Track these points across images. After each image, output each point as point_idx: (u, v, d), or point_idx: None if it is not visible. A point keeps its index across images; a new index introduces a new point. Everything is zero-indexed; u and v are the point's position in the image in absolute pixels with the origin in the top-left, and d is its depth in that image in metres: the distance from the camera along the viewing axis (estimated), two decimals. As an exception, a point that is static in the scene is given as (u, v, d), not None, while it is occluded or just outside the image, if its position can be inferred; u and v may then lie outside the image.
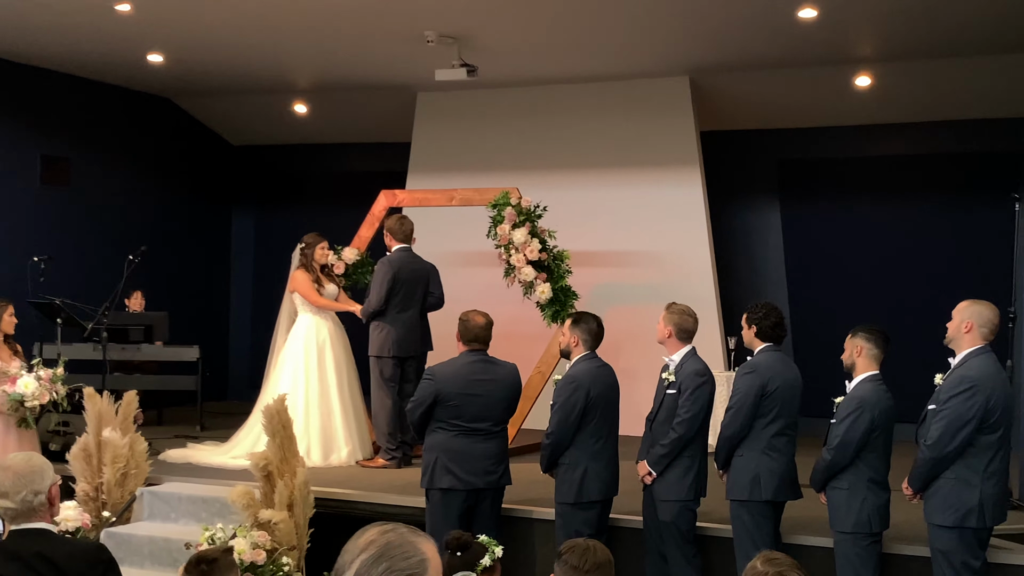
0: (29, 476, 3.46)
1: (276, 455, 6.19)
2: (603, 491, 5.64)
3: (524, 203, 8.49)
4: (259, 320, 13.26)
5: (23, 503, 3.43)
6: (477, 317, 5.93)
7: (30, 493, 3.44)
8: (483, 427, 5.76)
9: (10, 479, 3.44)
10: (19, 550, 3.40)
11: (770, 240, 11.04)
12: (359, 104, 11.67)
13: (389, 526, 2.10)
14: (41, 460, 3.56)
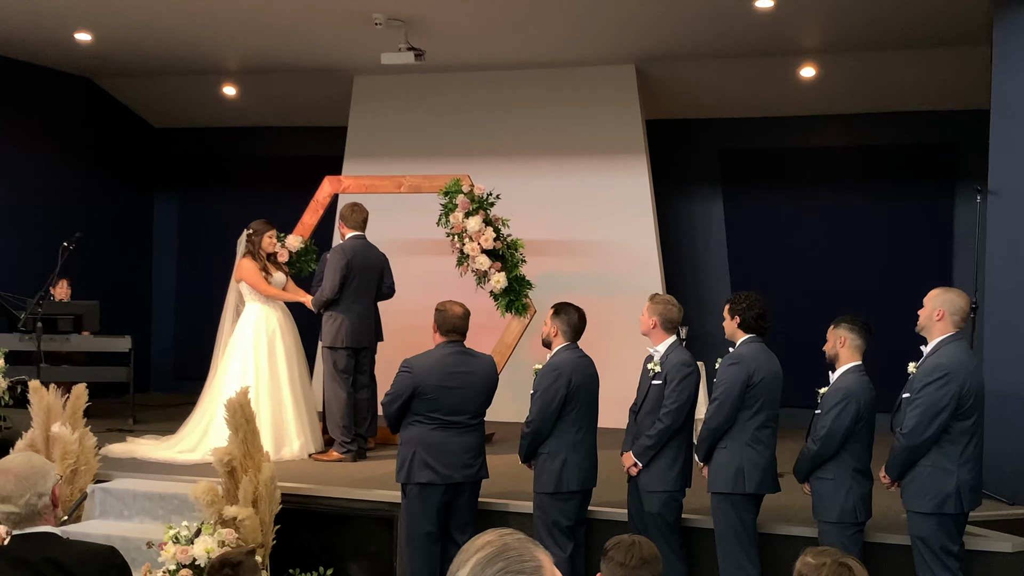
0: (32, 478, 3.30)
1: (239, 450, 6.05)
2: (583, 482, 5.64)
3: (477, 190, 8.44)
4: (183, 309, 12.97)
5: (27, 507, 3.28)
6: (455, 307, 5.88)
7: (34, 496, 3.29)
8: (461, 420, 5.72)
9: (12, 482, 3.28)
10: (26, 555, 3.24)
11: (712, 230, 11.18)
12: (292, 87, 11.45)
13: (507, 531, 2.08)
14: (41, 460, 3.40)
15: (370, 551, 6.44)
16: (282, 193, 12.18)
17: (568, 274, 10.26)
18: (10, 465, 3.32)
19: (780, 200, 10.92)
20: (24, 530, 3.30)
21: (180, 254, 13.04)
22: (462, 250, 8.37)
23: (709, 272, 11.12)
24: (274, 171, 12.39)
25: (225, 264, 12.23)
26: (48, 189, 11.23)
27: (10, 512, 3.27)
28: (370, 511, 6.46)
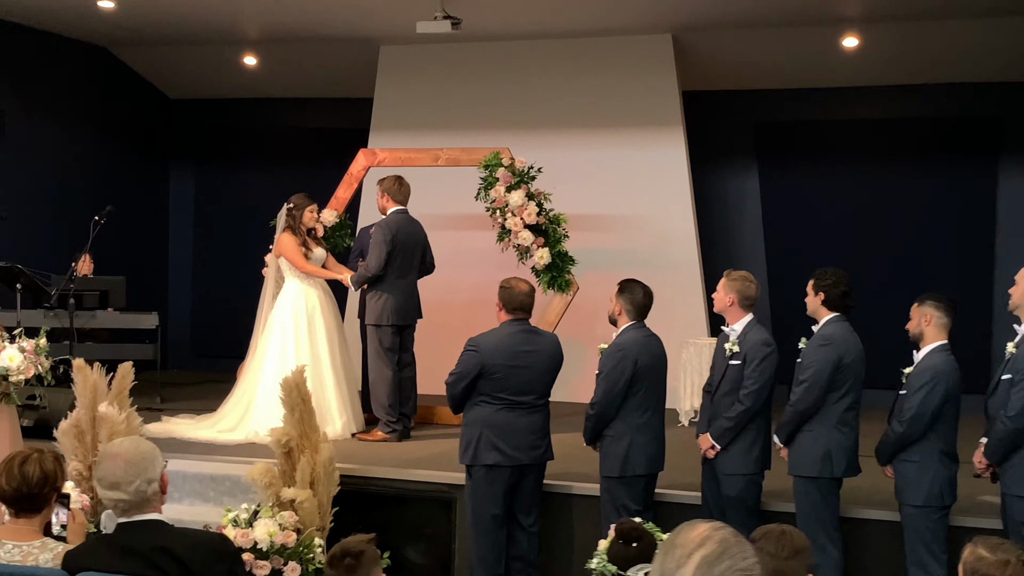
0: (141, 464, 3.21)
1: (296, 430, 5.95)
2: (649, 465, 5.56)
3: (518, 164, 8.31)
4: (200, 285, 12.85)
5: (137, 493, 3.19)
6: (520, 284, 5.78)
7: (144, 482, 3.20)
8: (527, 400, 5.62)
9: (121, 468, 3.18)
10: (135, 544, 3.15)
11: (747, 204, 11.08)
12: (315, 57, 11.29)
13: (716, 524, 2.02)
14: (149, 445, 3.30)
15: (427, 533, 6.36)
16: (303, 166, 12.04)
17: (602, 250, 10.14)
18: (119, 450, 3.23)
19: (817, 174, 10.81)
20: (132, 518, 3.21)
21: (197, 228, 12.90)
22: (503, 225, 8.25)
23: (744, 247, 11.02)
24: (295, 144, 12.24)
25: (243, 239, 12.17)
26: (62, 160, 11.06)
27: (119, 499, 3.18)
28: (428, 492, 6.37)
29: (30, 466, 3.36)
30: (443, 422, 8.56)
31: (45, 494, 3.41)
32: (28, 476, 3.35)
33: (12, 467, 3.35)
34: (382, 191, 7.83)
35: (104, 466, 3.20)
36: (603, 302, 9.43)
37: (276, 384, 7.31)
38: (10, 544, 3.33)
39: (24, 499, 3.36)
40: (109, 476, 3.18)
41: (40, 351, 6.44)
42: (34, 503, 3.39)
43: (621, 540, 4.12)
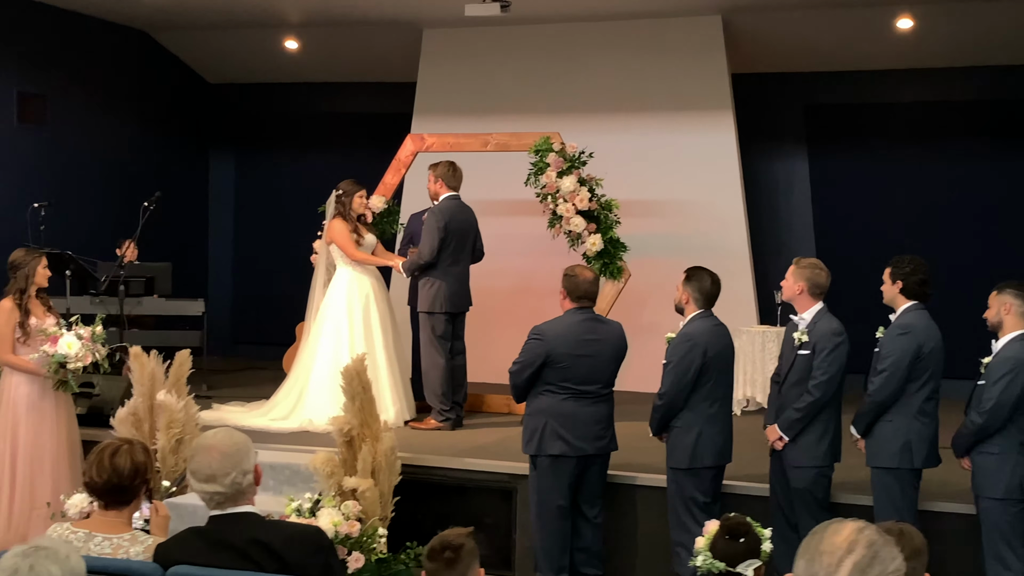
0: (236, 455, 3.20)
1: (356, 419, 5.94)
2: (717, 457, 5.51)
3: (569, 148, 8.26)
4: (240, 271, 12.88)
5: (232, 485, 3.17)
6: (585, 272, 5.74)
7: (239, 474, 3.19)
8: (592, 389, 5.59)
9: (217, 460, 3.17)
10: (229, 537, 3.14)
11: (796, 190, 10.98)
12: (357, 41, 11.26)
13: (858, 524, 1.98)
14: (242, 436, 3.29)
15: (487, 523, 6.34)
16: (345, 152, 12.03)
17: (650, 235, 10.08)
18: (213, 442, 3.21)
19: (869, 158, 10.69)
20: (226, 510, 3.19)
21: (237, 214, 12.93)
22: (555, 211, 8.20)
23: (793, 234, 10.93)
24: (336, 129, 12.23)
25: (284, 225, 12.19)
26: (102, 146, 11.07)
27: (214, 492, 3.17)
28: (488, 482, 6.36)
29: (121, 458, 3.36)
30: (492, 410, 8.56)
31: (135, 486, 3.40)
32: (119, 468, 3.34)
33: (103, 459, 3.35)
34: (435, 176, 7.80)
35: (199, 459, 3.19)
36: (650, 289, 9.51)
37: (329, 372, 7.38)
38: (100, 537, 3.33)
39: (115, 491, 3.36)
40: (204, 469, 3.17)
41: (97, 338, 6.47)
42: (124, 495, 3.38)
43: (728, 536, 4.08)
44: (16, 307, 6.50)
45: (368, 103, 11.97)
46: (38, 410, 6.48)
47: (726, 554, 4.01)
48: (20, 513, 6.41)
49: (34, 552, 2.39)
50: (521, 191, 8.61)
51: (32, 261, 6.58)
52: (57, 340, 6.29)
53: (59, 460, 6.54)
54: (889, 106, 10.56)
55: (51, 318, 6.59)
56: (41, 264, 6.59)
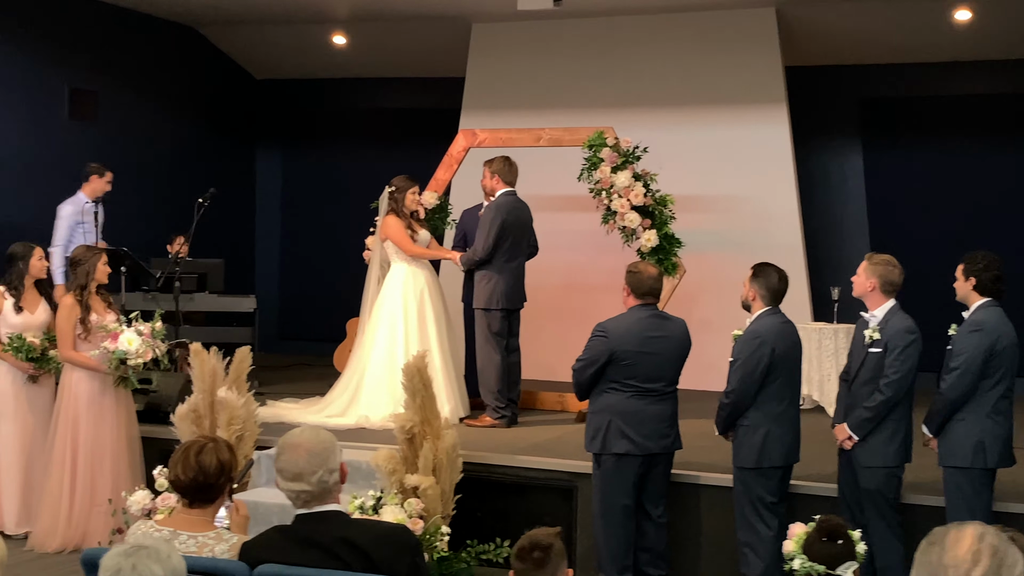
0: (323, 453, 3.22)
1: (418, 416, 5.96)
2: (786, 456, 5.47)
3: (623, 143, 8.23)
4: (287, 267, 12.95)
5: (319, 484, 3.19)
6: (648, 268, 5.72)
7: (326, 472, 3.21)
8: (657, 387, 5.58)
9: (304, 458, 3.18)
10: (316, 536, 3.15)
11: (850, 184, 10.90)
12: (405, 36, 11.28)
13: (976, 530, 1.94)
14: (328, 434, 3.31)
15: (546, 522, 6.30)
16: (393, 147, 12.08)
17: (701, 231, 10.02)
18: (300, 440, 3.23)
19: (924, 152, 10.60)
20: (312, 509, 3.21)
21: (284, 210, 13.00)
22: (609, 207, 8.18)
23: (846, 229, 10.85)
24: (384, 124, 12.28)
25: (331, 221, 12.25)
26: (150, 142, 11.17)
27: (301, 490, 3.18)
28: (548, 481, 6.35)
29: (206, 456, 3.38)
30: (545, 407, 8.56)
31: (221, 484, 3.43)
32: (205, 466, 3.37)
33: (189, 456, 3.38)
34: (491, 172, 7.80)
35: (285, 457, 3.20)
36: (701, 285, 9.46)
37: (385, 368, 7.42)
38: (185, 535, 3.35)
39: (200, 489, 3.38)
40: (291, 467, 3.18)
41: (157, 335, 6.53)
42: (210, 493, 3.41)
43: (825, 538, 4.04)
44: (77, 303, 6.57)
45: (416, 98, 12.00)
46: (98, 406, 6.55)
47: (824, 556, 3.98)
48: (81, 510, 6.49)
49: (136, 552, 2.41)
50: (570, 186, 8.59)
51: (92, 258, 6.65)
52: (118, 337, 6.36)
53: (119, 456, 6.61)
54: (946, 99, 10.45)
55: (111, 315, 6.66)
56: (101, 261, 6.66)
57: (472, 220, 8.48)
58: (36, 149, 9.95)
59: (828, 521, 4.16)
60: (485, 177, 7.92)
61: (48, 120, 10.11)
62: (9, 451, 6.74)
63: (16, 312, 6.78)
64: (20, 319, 6.78)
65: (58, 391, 6.69)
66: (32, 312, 6.84)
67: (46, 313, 6.90)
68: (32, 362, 6.73)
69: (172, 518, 3.50)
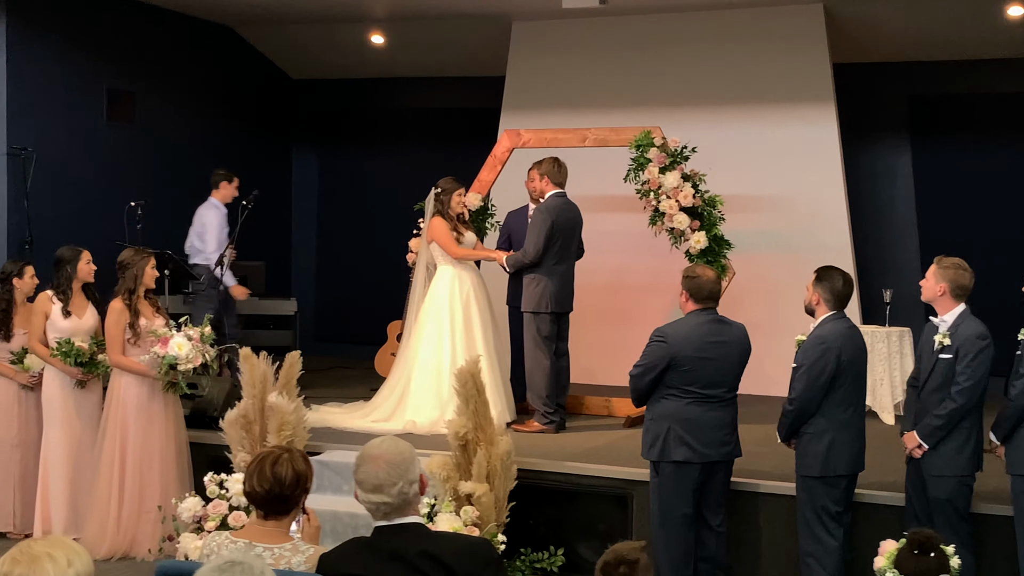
0: (403, 464, 3.19)
1: (472, 422, 5.94)
2: (851, 464, 5.41)
3: (671, 143, 8.18)
4: (324, 269, 12.95)
5: (400, 495, 3.17)
6: (707, 272, 5.68)
7: (406, 483, 3.19)
8: (717, 393, 5.53)
9: (384, 470, 3.16)
10: (399, 549, 3.13)
11: (899, 184, 10.80)
12: (444, 34, 11.27)
13: None
14: (407, 445, 3.29)
15: (600, 530, 6.31)
16: (431, 148, 12.07)
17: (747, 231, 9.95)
18: (379, 451, 3.21)
19: (975, 151, 10.47)
20: (392, 521, 3.19)
21: (320, 212, 13.00)
22: (657, 208, 8.13)
23: (895, 230, 10.76)
24: (421, 124, 12.27)
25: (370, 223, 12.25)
26: (186, 143, 11.19)
27: (381, 502, 3.16)
28: (602, 488, 6.31)
29: (282, 467, 3.37)
30: (591, 412, 8.52)
31: (296, 495, 3.41)
32: (281, 477, 3.35)
33: (264, 468, 3.36)
34: (540, 173, 7.76)
35: (365, 468, 3.19)
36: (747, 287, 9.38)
37: (432, 372, 7.42)
38: (261, 547, 3.34)
39: (276, 500, 3.37)
40: (372, 479, 3.16)
41: (206, 339, 6.53)
42: (286, 505, 3.39)
43: (917, 551, 3.98)
44: (126, 308, 6.59)
45: (455, 98, 11.99)
46: (147, 412, 6.57)
47: (918, 570, 3.92)
48: (129, 516, 6.51)
49: (230, 567, 2.39)
50: (613, 186, 8.56)
51: (140, 261, 6.66)
52: (168, 342, 6.37)
53: (167, 462, 6.62)
54: (998, 97, 10.34)
55: (160, 319, 6.68)
56: (149, 264, 6.68)
57: (518, 222, 8.46)
58: (74, 151, 9.99)
59: (919, 533, 4.10)
60: (534, 179, 7.89)
61: (87, 121, 10.15)
62: (57, 456, 6.76)
63: (64, 317, 6.81)
64: (68, 323, 6.81)
65: (106, 396, 6.71)
66: (80, 317, 6.87)
67: (94, 318, 6.93)
68: (80, 367, 6.76)
69: (247, 530, 3.48)
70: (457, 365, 7.32)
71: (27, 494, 7.01)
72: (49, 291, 6.85)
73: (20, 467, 7.05)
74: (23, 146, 9.32)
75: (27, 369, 7.00)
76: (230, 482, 6.09)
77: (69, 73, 9.96)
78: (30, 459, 7.03)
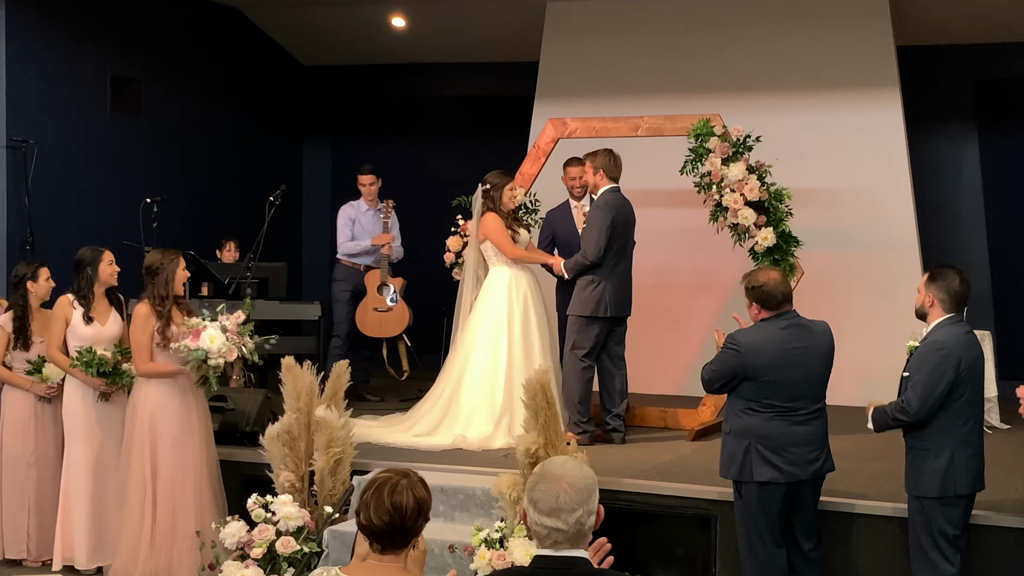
0: (585, 491, 2.99)
1: (542, 437, 5.70)
2: (973, 483, 5.18)
3: (734, 132, 7.95)
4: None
5: (576, 524, 2.96)
6: (770, 274, 5.42)
7: (585, 513, 2.98)
8: (802, 406, 5.29)
9: (566, 492, 2.96)
10: None
11: (965, 173, 10.61)
12: (472, 17, 11.06)
13: None
14: (590, 471, 3.09)
15: (679, 554, 6.08)
16: (457, 138, 11.88)
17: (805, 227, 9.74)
18: (562, 472, 3.01)
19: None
20: (558, 552, 2.99)
21: (334, 207, 12.73)
22: (719, 202, 7.89)
23: (962, 222, 10.59)
24: (447, 113, 12.07)
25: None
26: (193, 132, 10.98)
27: (555, 528, 2.96)
28: (682, 509, 6.08)
29: (402, 495, 3.14)
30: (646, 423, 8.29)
31: (418, 526, 3.19)
32: (401, 506, 3.13)
33: (382, 497, 3.13)
34: (595, 167, 7.51)
35: (544, 488, 2.99)
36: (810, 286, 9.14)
37: (486, 381, 7.20)
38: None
39: (396, 533, 3.14)
40: (550, 500, 2.96)
41: (244, 330, 6.28)
42: (406, 537, 3.17)
43: None
44: (153, 313, 6.32)
45: (483, 85, 11.79)
46: (177, 424, 6.28)
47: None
48: (162, 539, 6.23)
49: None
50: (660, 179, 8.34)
51: (170, 264, 6.38)
52: (200, 334, 6.10)
53: (200, 481, 6.35)
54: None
55: (193, 324, 6.41)
56: (180, 266, 6.41)
57: (562, 220, 8.25)
58: (78, 143, 9.76)
59: None
60: (588, 172, 7.62)
61: (91, 112, 9.92)
62: (79, 477, 6.51)
63: (86, 323, 6.56)
64: (90, 331, 6.56)
65: (129, 409, 6.43)
66: (103, 323, 6.62)
67: (118, 324, 6.68)
68: (103, 377, 6.51)
69: (363, 566, 3.24)
70: (515, 374, 7.15)
71: (44, 517, 6.76)
72: (69, 295, 6.60)
73: (36, 488, 6.80)
74: (23, 138, 9.10)
75: (45, 379, 6.76)
76: (276, 504, 5.86)
77: (72, 60, 9.73)
78: (47, 479, 6.79)
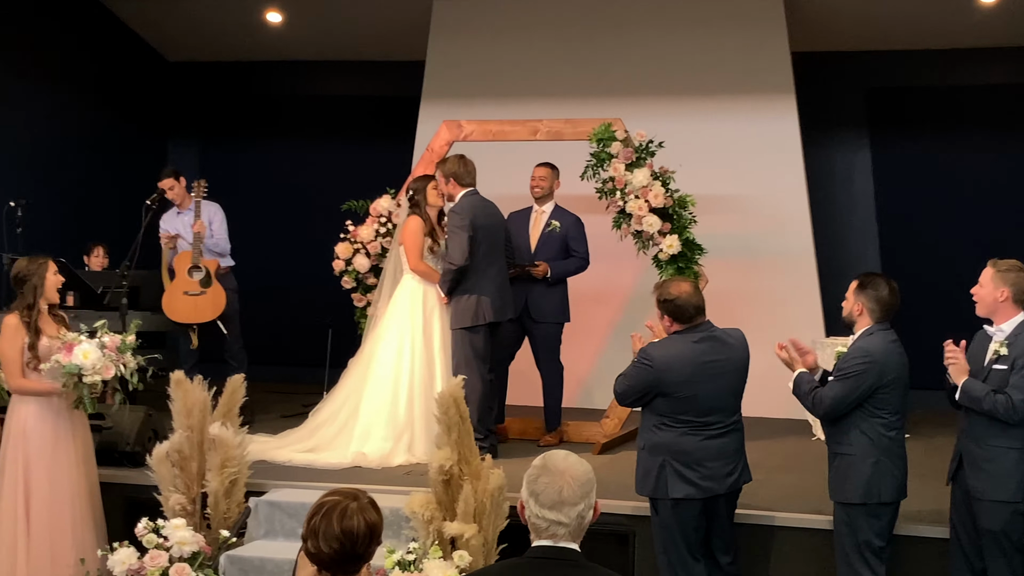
0: (587, 485, 3.04)
1: (455, 454, 5.64)
2: (897, 491, 5.30)
3: (637, 137, 8.02)
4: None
5: (577, 519, 3.02)
6: (682, 286, 5.44)
7: (586, 508, 3.04)
8: (717, 419, 5.34)
9: (569, 486, 3.00)
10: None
11: (856, 182, 10.91)
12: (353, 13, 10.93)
13: None
14: (588, 465, 3.12)
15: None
16: (337, 140, 11.73)
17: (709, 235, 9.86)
18: (564, 466, 3.05)
19: (938, 145, 10.66)
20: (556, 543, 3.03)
21: (202, 211, 12.46)
22: (623, 209, 7.95)
23: (854, 231, 10.87)
24: (325, 113, 11.91)
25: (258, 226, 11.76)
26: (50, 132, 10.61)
27: (557, 521, 3.00)
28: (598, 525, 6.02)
29: (352, 520, 3.05)
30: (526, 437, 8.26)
31: (371, 552, 3.10)
32: (352, 532, 3.04)
33: (331, 523, 3.03)
34: (445, 176, 7.35)
35: (546, 481, 3.01)
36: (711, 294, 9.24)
37: (388, 396, 7.09)
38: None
39: (347, 560, 3.05)
40: (553, 495, 2.99)
41: (124, 348, 6.06)
42: (357, 564, 3.08)
43: None
44: (23, 325, 6.06)
45: (366, 84, 11.70)
46: (53, 444, 6.01)
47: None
48: (39, 568, 5.95)
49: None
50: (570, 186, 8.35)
51: (39, 270, 6.15)
52: (72, 348, 5.86)
53: (78, 505, 6.09)
54: (963, 88, 10.53)
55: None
56: (50, 271, 6.17)
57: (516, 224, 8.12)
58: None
59: None
60: (440, 182, 7.49)
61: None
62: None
63: None
64: None
65: (3, 428, 6.15)
66: None
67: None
68: None
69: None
70: (415, 390, 7.08)
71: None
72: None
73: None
74: None
75: None
76: (169, 528, 5.66)
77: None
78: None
